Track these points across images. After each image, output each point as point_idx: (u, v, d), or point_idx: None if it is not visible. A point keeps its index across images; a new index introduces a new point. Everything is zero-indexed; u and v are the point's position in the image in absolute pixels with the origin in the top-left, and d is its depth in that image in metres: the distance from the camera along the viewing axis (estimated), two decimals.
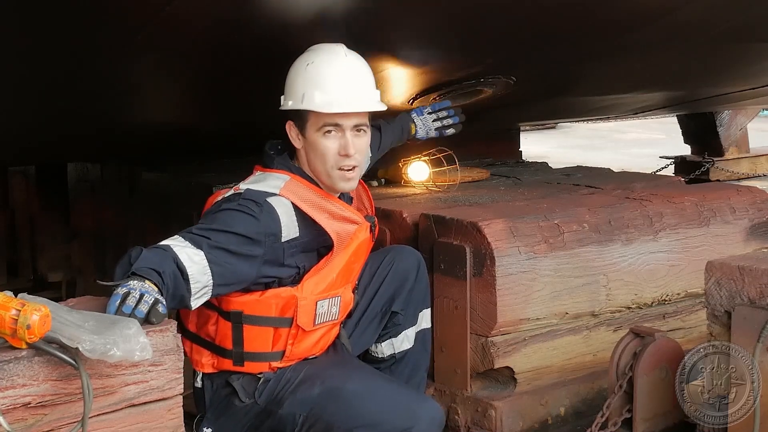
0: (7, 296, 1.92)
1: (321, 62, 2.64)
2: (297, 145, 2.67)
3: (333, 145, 2.61)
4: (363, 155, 2.70)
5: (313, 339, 2.66)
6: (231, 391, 2.64)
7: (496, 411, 3.09)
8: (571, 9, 3.11)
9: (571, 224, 3.30)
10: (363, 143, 2.67)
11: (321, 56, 2.65)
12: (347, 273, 2.69)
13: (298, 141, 2.66)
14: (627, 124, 12.52)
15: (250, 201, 2.52)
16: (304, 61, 2.66)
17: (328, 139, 2.61)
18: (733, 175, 8.37)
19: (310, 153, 2.64)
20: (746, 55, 4.30)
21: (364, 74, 2.69)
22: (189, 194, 3.81)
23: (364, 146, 2.68)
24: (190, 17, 2.66)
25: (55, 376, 1.94)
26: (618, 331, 3.34)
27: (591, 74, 4.22)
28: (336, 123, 2.61)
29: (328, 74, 2.62)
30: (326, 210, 2.61)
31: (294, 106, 2.64)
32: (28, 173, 5.33)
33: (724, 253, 3.42)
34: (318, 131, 2.61)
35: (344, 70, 2.64)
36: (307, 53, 2.68)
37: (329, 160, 2.62)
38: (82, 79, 3.05)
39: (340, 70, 2.63)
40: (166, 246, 2.35)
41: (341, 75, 2.63)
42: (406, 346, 2.99)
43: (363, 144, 2.67)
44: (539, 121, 9.55)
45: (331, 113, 2.59)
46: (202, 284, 2.37)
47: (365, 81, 2.68)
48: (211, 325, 2.62)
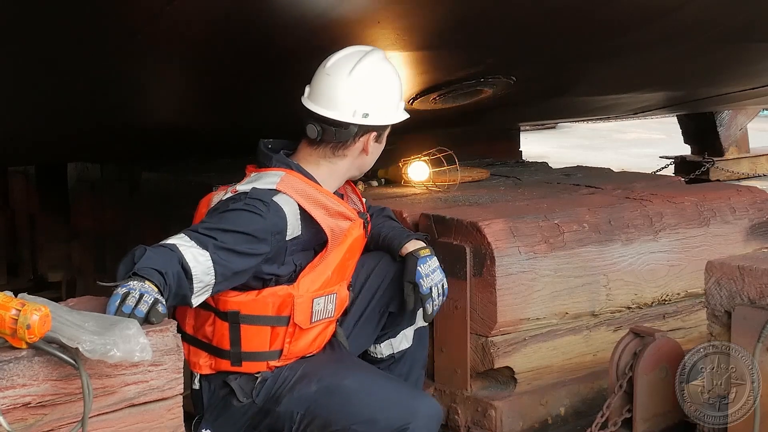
0: (7, 296, 1.92)
1: (393, 73, 2.75)
2: (369, 152, 2.74)
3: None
4: None
5: (310, 337, 2.66)
6: (229, 392, 2.64)
7: (496, 411, 3.09)
8: (571, 9, 3.11)
9: (571, 224, 3.30)
10: None
11: (389, 66, 2.74)
12: (342, 270, 2.70)
13: (370, 148, 2.74)
14: (627, 124, 12.52)
15: (256, 200, 2.53)
16: (388, 72, 2.74)
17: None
18: (733, 175, 8.37)
19: (375, 155, 2.78)
20: (746, 55, 4.30)
21: None
22: (189, 194, 3.79)
23: None
24: (190, 17, 2.66)
25: (55, 376, 1.94)
26: (618, 331, 3.34)
27: (591, 74, 4.22)
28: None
29: (399, 84, 2.78)
30: (323, 205, 2.62)
31: (390, 120, 2.74)
32: (28, 173, 5.34)
33: (724, 253, 3.42)
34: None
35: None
36: (381, 63, 2.72)
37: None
38: (81, 78, 3.05)
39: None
40: (172, 245, 2.36)
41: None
42: (405, 345, 2.99)
43: None
44: (539, 121, 9.56)
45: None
46: (205, 283, 2.39)
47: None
48: (208, 326, 2.62)
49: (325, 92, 2.65)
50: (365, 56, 2.68)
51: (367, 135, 2.70)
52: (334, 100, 2.65)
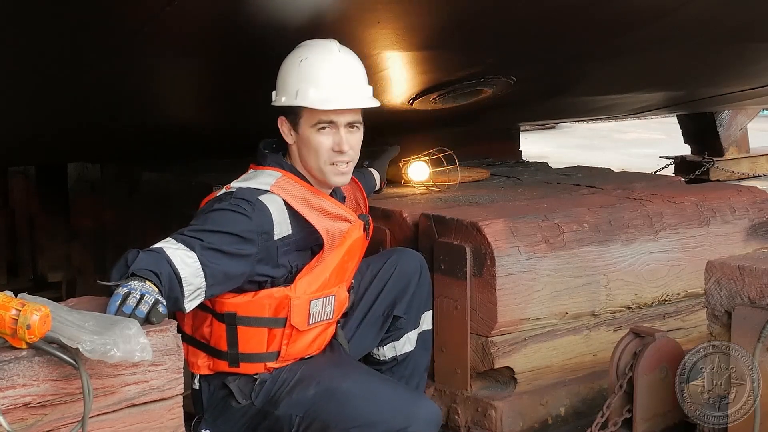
0: (7, 296, 1.92)
1: (315, 58, 2.62)
2: (289, 141, 2.67)
3: (327, 142, 2.62)
4: (356, 151, 2.70)
5: (308, 339, 2.65)
6: (228, 393, 2.64)
7: (496, 411, 3.09)
8: (571, 9, 3.11)
9: (571, 224, 3.30)
10: (356, 139, 2.67)
11: (315, 52, 2.64)
12: (341, 272, 2.69)
13: (290, 136, 2.66)
14: (627, 124, 12.53)
15: (241, 200, 2.51)
16: (297, 57, 2.65)
17: (322, 135, 2.62)
18: (733, 175, 8.37)
19: (303, 149, 2.64)
20: (746, 55, 4.30)
21: (357, 71, 2.68)
22: (189, 194, 3.81)
23: (357, 142, 2.68)
24: (190, 17, 2.66)
25: (55, 376, 1.94)
26: (618, 331, 3.34)
27: (591, 74, 4.22)
28: (330, 120, 2.61)
29: (322, 70, 2.61)
30: (317, 207, 2.61)
31: (287, 102, 2.63)
32: (28, 173, 5.34)
33: (724, 253, 3.42)
34: (312, 127, 2.61)
35: (338, 66, 2.63)
36: (299, 49, 2.67)
37: (322, 156, 2.62)
38: (81, 78, 3.05)
39: (334, 66, 2.62)
40: (159, 249, 2.34)
41: (335, 71, 2.62)
42: (408, 348, 2.99)
43: (356, 140, 2.67)
44: (539, 121, 9.55)
45: (326, 110, 2.59)
46: (195, 286, 2.37)
47: (359, 78, 2.68)
48: (205, 327, 2.62)
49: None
50: (304, 43, 2.67)
51: (278, 119, 2.67)
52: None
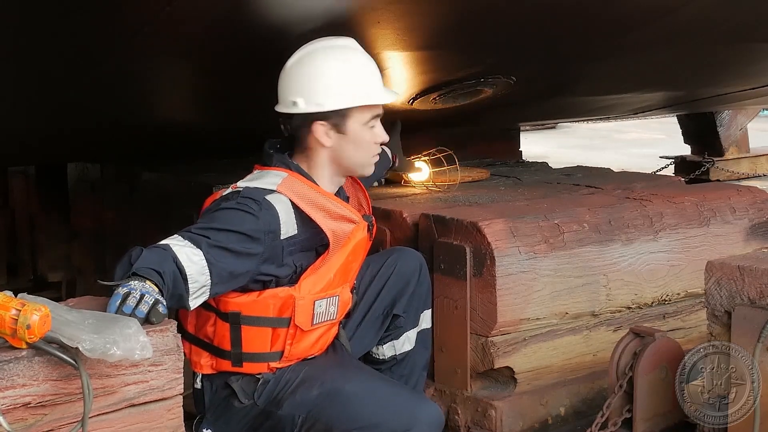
0: (7, 296, 1.92)
1: (353, 59, 2.66)
2: (326, 144, 2.63)
3: (373, 136, 2.68)
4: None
5: (312, 339, 2.65)
6: (230, 393, 2.64)
7: (496, 411, 3.09)
8: (572, 9, 3.11)
9: (571, 224, 3.30)
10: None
11: (348, 54, 2.65)
12: (345, 272, 2.69)
13: (328, 139, 2.63)
14: (627, 124, 12.52)
15: (248, 199, 2.51)
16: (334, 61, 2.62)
17: (372, 130, 2.68)
18: (733, 175, 8.37)
19: (349, 147, 2.65)
20: (746, 55, 4.30)
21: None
22: (189, 194, 3.81)
23: None
24: (190, 17, 2.66)
25: (55, 376, 1.94)
26: (618, 331, 3.34)
27: (591, 74, 4.22)
28: (377, 114, 2.68)
29: (365, 68, 2.66)
30: (324, 208, 2.61)
31: (336, 106, 2.59)
32: (28, 173, 5.35)
33: (724, 253, 3.42)
34: (365, 125, 2.65)
35: (370, 62, 2.70)
36: (327, 51, 2.63)
37: (372, 150, 2.69)
38: (81, 78, 3.05)
39: (368, 62, 2.69)
40: (165, 245, 2.35)
41: (372, 67, 2.69)
42: (407, 347, 2.99)
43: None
44: (539, 121, 9.56)
45: (378, 104, 2.66)
46: (201, 284, 2.37)
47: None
48: (209, 326, 2.61)
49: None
50: (308, 46, 2.66)
51: (312, 125, 2.63)
52: (279, 93, 2.69)
